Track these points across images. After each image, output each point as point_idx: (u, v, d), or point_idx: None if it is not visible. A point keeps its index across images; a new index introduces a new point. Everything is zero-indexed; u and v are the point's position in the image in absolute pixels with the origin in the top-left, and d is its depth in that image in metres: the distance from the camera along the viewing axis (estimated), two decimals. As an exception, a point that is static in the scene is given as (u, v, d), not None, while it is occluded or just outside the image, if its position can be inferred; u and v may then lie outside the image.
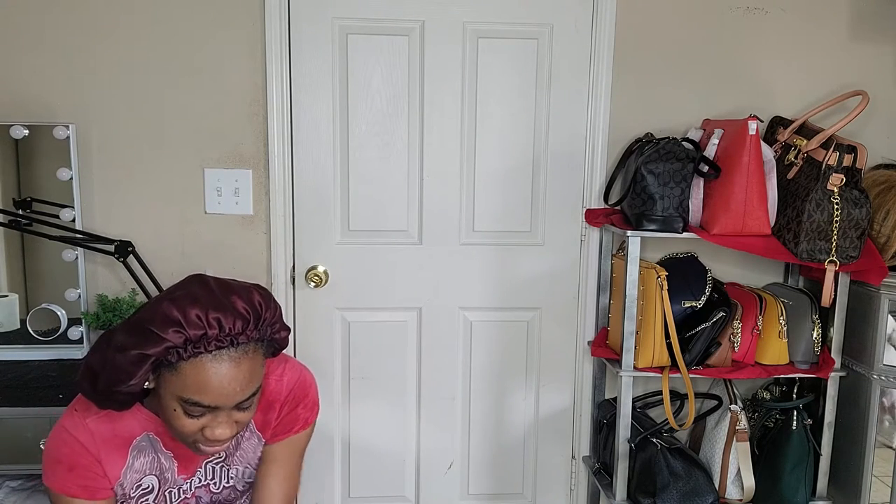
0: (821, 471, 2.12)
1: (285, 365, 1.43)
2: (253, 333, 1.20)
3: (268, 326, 1.24)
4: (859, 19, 2.28)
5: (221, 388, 1.17)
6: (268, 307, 1.23)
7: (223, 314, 1.16)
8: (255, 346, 1.22)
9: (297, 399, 1.42)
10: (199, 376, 1.15)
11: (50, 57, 2.12)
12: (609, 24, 2.21)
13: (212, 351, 1.15)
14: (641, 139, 2.15)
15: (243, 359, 1.19)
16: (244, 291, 1.22)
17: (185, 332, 1.13)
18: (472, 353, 2.37)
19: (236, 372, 1.18)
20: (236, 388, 1.18)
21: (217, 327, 1.15)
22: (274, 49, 2.15)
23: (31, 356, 2.13)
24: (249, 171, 2.21)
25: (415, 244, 2.30)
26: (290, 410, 1.41)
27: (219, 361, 1.16)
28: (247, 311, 1.19)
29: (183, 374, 1.15)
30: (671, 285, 2.01)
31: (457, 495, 2.44)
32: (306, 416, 1.44)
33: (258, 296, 1.22)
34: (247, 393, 1.21)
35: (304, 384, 1.43)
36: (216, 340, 1.15)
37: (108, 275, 2.20)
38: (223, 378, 1.16)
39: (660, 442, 2.06)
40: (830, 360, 2.05)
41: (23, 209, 2.10)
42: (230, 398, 1.18)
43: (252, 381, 1.21)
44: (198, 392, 1.16)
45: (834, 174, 1.85)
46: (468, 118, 2.25)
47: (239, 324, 1.17)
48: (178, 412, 1.19)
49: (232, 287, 1.22)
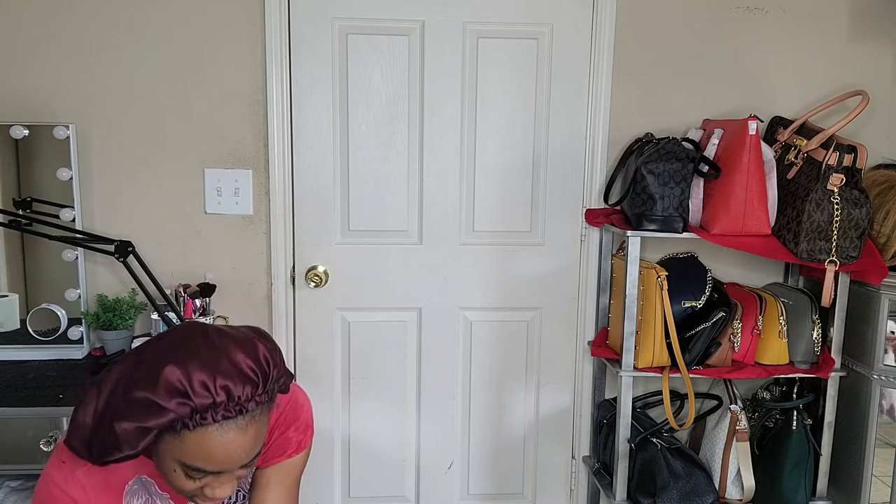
0: (821, 471, 2.12)
1: None
2: (262, 397, 1.12)
3: (274, 383, 1.16)
4: (859, 19, 2.28)
5: (227, 457, 1.11)
6: (275, 363, 1.14)
7: (231, 381, 1.07)
8: (263, 408, 1.14)
9: (288, 421, 1.35)
10: (204, 445, 1.08)
11: (50, 57, 2.12)
12: (609, 24, 2.21)
13: (218, 421, 1.07)
14: (641, 139, 2.16)
15: (250, 425, 1.11)
16: (248, 346, 1.12)
17: (190, 403, 1.04)
18: (472, 353, 2.37)
19: (243, 439, 1.11)
20: (241, 454, 1.12)
21: (225, 396, 1.07)
22: (274, 49, 2.15)
23: (31, 356, 2.13)
24: (249, 171, 2.21)
25: (415, 244, 2.30)
26: (281, 433, 1.35)
27: (225, 431, 1.09)
28: (255, 372, 1.10)
29: (187, 443, 1.08)
30: (671, 285, 2.01)
31: (457, 495, 2.44)
32: (299, 439, 1.37)
33: (263, 349, 1.13)
34: (252, 456, 1.14)
35: (296, 406, 1.36)
36: (224, 410, 1.07)
37: (108, 275, 2.20)
38: (229, 446, 1.10)
39: (660, 442, 2.06)
40: (830, 360, 2.05)
41: (23, 209, 2.10)
42: (234, 464, 1.13)
43: (258, 444, 1.14)
44: (201, 460, 1.09)
45: (834, 174, 1.85)
46: (468, 118, 2.25)
47: (248, 389, 1.09)
48: (179, 473, 1.12)
49: (236, 341, 1.12)
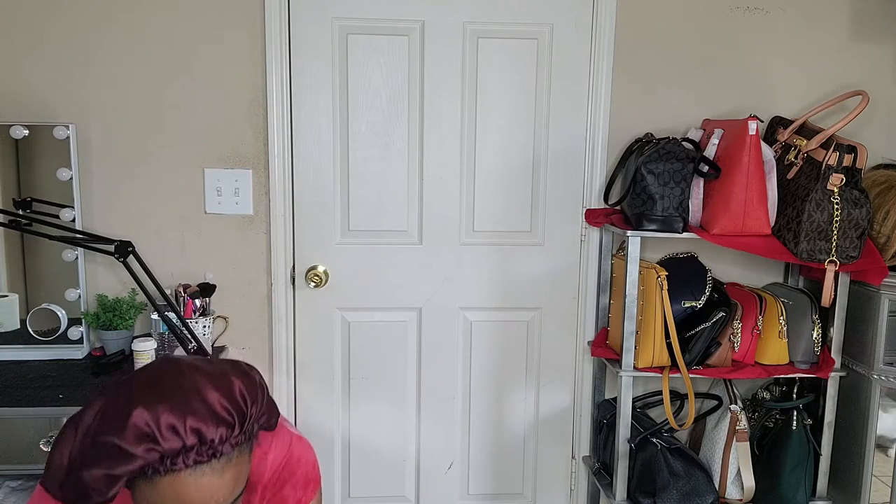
0: (821, 471, 2.12)
1: (272, 440, 1.27)
2: (238, 438, 1.03)
3: (254, 423, 1.07)
4: (859, 19, 2.28)
5: (203, 503, 1.02)
6: (253, 400, 1.06)
7: (203, 423, 0.99)
8: (241, 449, 1.05)
9: (283, 479, 1.27)
10: (178, 491, 1.00)
11: (50, 57, 2.12)
12: (609, 23, 2.21)
13: (191, 466, 1.00)
14: (641, 139, 2.15)
15: (227, 468, 1.03)
16: (223, 383, 1.04)
17: (158, 448, 0.97)
18: (472, 353, 2.37)
19: (219, 484, 1.03)
20: (219, 498, 1.04)
21: (196, 439, 0.99)
22: (274, 49, 2.15)
23: (31, 356, 2.13)
24: (249, 171, 2.21)
25: (415, 244, 2.30)
26: (276, 493, 1.26)
27: (199, 476, 1.01)
28: (229, 412, 1.02)
29: (159, 489, 1.00)
30: (671, 285, 2.01)
31: (457, 495, 2.44)
32: (298, 496, 1.28)
33: (240, 385, 1.04)
34: (230, 500, 1.06)
35: (291, 463, 1.27)
36: (196, 454, 1.00)
37: (108, 275, 2.20)
38: (205, 492, 1.02)
39: (660, 442, 2.06)
40: (830, 360, 2.05)
41: (23, 209, 2.10)
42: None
43: (237, 487, 1.06)
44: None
45: (834, 174, 1.85)
46: (468, 118, 2.25)
47: (222, 431, 1.01)
48: None
49: (210, 377, 1.04)
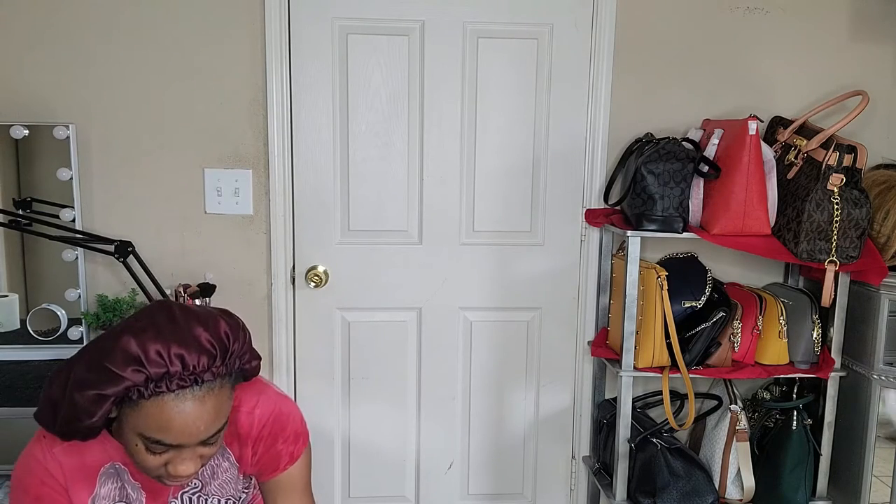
0: (821, 471, 2.12)
1: (259, 397, 1.33)
2: (219, 369, 1.14)
3: (236, 359, 1.17)
4: (859, 19, 2.28)
5: (185, 428, 1.11)
6: (235, 338, 1.16)
7: (186, 350, 1.09)
8: (222, 382, 1.16)
9: (274, 434, 1.33)
10: (161, 416, 1.09)
11: (50, 57, 2.12)
12: (609, 24, 2.21)
13: (174, 390, 1.09)
14: (641, 139, 2.15)
15: (208, 396, 1.13)
16: (210, 321, 1.14)
17: (145, 371, 1.07)
18: (472, 353, 2.37)
19: (201, 411, 1.12)
20: (200, 426, 1.12)
21: (180, 365, 1.09)
22: (274, 49, 2.15)
23: (31, 356, 2.13)
24: (249, 171, 2.21)
25: (415, 244, 2.30)
26: (269, 447, 1.33)
27: (182, 401, 1.10)
28: (212, 344, 1.12)
29: (144, 413, 1.10)
30: (671, 285, 2.01)
31: (457, 495, 2.44)
32: (290, 450, 1.34)
33: (225, 325, 1.15)
34: (211, 430, 1.15)
35: (280, 418, 1.33)
36: (179, 379, 1.09)
37: (108, 275, 2.20)
38: (187, 418, 1.11)
39: (660, 442, 2.06)
40: (830, 360, 2.05)
41: (23, 209, 2.10)
42: (194, 437, 1.13)
43: (218, 418, 1.15)
44: (160, 431, 1.11)
45: (834, 174, 1.85)
46: (468, 118, 2.25)
47: (204, 360, 1.11)
48: (140, 448, 1.14)
49: (198, 316, 1.14)
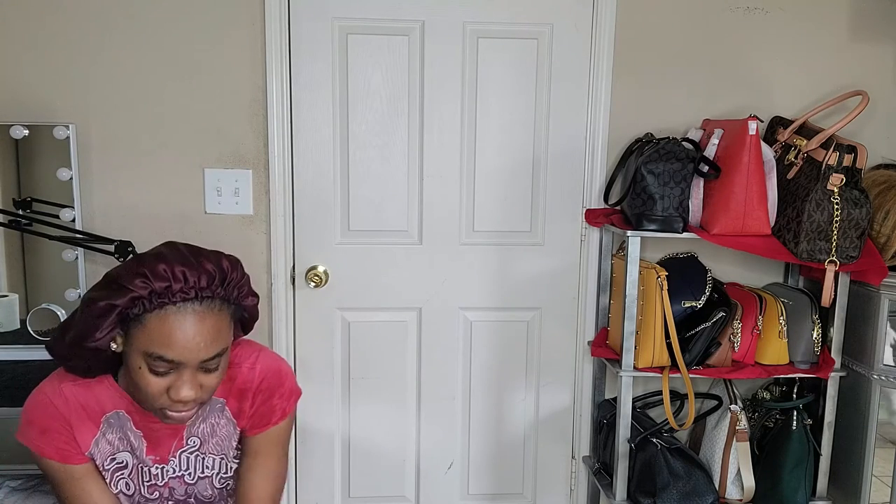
0: (821, 471, 2.12)
1: (259, 354, 1.43)
2: (218, 291, 1.23)
3: (234, 288, 1.27)
4: (859, 19, 2.28)
5: (186, 342, 1.19)
6: (235, 270, 1.27)
7: (189, 269, 1.20)
8: (221, 305, 1.25)
9: (272, 388, 1.41)
10: (164, 329, 1.18)
11: (50, 57, 2.12)
12: (609, 24, 2.21)
13: (176, 303, 1.19)
14: (641, 139, 2.15)
15: (208, 314, 1.22)
16: (213, 255, 1.26)
17: (150, 284, 1.17)
18: (472, 353, 2.37)
19: (200, 327, 1.20)
20: (200, 343, 1.20)
21: (182, 280, 1.19)
22: (274, 49, 2.15)
23: (31, 356, 2.13)
24: (249, 171, 2.21)
25: (415, 244, 2.30)
26: (265, 400, 1.41)
27: (183, 315, 1.19)
28: (214, 270, 1.23)
29: (148, 328, 1.18)
30: (671, 285, 2.01)
31: (457, 495, 2.44)
32: (283, 405, 1.43)
33: (226, 261, 1.26)
34: (211, 351, 1.22)
35: (279, 373, 1.43)
36: (181, 293, 1.18)
37: (108, 275, 2.20)
38: (187, 332, 1.19)
39: (660, 442, 2.06)
40: (830, 360, 2.05)
41: (23, 209, 2.10)
42: (194, 353, 1.20)
43: (217, 340, 1.23)
44: (162, 345, 1.18)
45: (834, 174, 1.85)
46: (468, 118, 2.25)
47: (204, 279, 1.21)
48: (144, 370, 1.21)
49: (202, 251, 1.26)
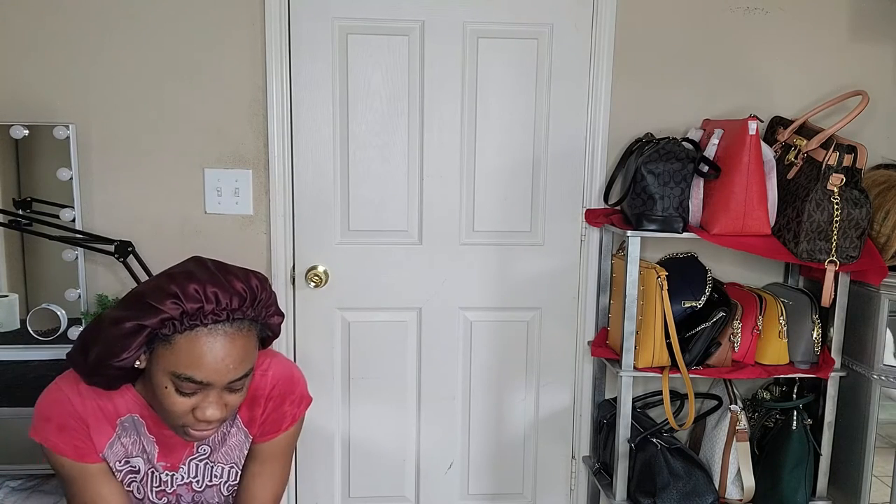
0: (821, 471, 2.12)
1: (271, 359, 1.42)
2: (249, 312, 1.22)
3: (263, 308, 1.26)
4: (859, 19, 2.28)
5: (215, 364, 1.17)
6: (264, 289, 1.25)
7: (221, 290, 1.18)
8: (250, 326, 1.24)
9: (284, 394, 1.40)
10: (194, 350, 1.16)
11: (50, 57, 2.12)
12: (609, 24, 2.21)
13: (208, 325, 1.17)
14: (641, 139, 2.15)
15: (238, 335, 1.20)
16: (242, 274, 1.24)
17: (182, 305, 1.15)
18: (472, 353, 2.37)
19: (231, 348, 1.19)
20: (230, 364, 1.19)
21: (214, 301, 1.17)
22: (274, 49, 2.15)
23: (31, 356, 2.13)
24: (249, 171, 2.21)
25: (415, 244, 2.30)
26: (277, 407, 1.40)
27: (214, 336, 1.17)
28: (244, 290, 1.21)
29: (177, 348, 1.16)
30: (671, 285, 2.01)
31: (457, 495, 2.44)
32: (294, 412, 1.42)
33: (255, 279, 1.25)
34: (240, 372, 1.21)
35: (291, 379, 1.42)
36: (213, 314, 1.17)
37: (108, 275, 2.20)
38: (217, 353, 1.17)
39: (660, 442, 2.06)
40: (830, 360, 2.05)
41: (23, 209, 2.10)
42: (223, 375, 1.19)
43: (245, 360, 1.22)
44: (191, 367, 1.16)
45: (834, 174, 1.85)
46: (468, 118, 2.25)
47: (236, 300, 1.19)
48: (170, 390, 1.19)
49: (230, 269, 1.24)
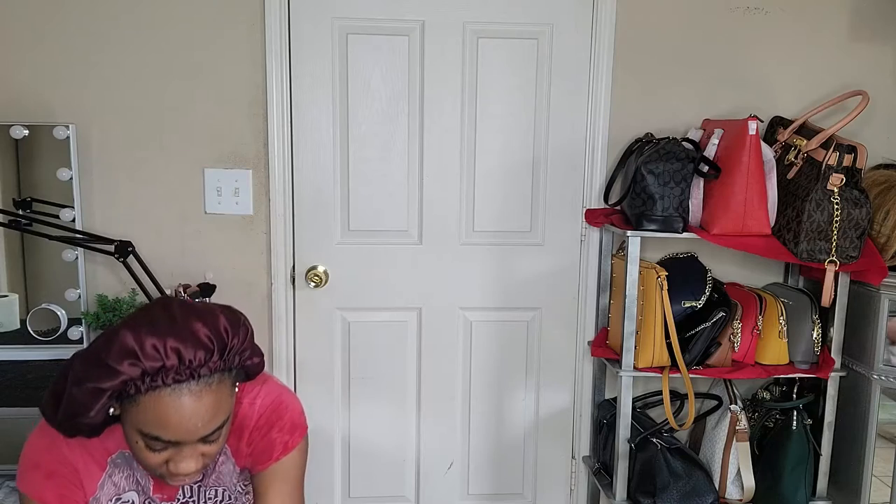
0: (821, 471, 2.12)
1: (262, 387, 1.33)
2: (217, 364, 1.12)
3: (235, 355, 1.15)
4: (859, 19, 2.28)
5: (181, 424, 1.10)
6: (235, 334, 1.14)
7: (182, 344, 1.08)
8: (221, 377, 1.14)
9: (270, 423, 1.31)
10: (158, 411, 1.08)
11: (50, 57, 2.12)
12: (609, 24, 2.21)
13: (170, 384, 1.08)
14: (641, 139, 2.15)
15: (205, 392, 1.11)
16: (209, 317, 1.13)
17: (141, 365, 1.06)
18: (472, 353, 2.37)
19: (198, 406, 1.10)
20: (198, 423, 1.11)
21: (176, 358, 1.07)
22: (274, 49, 2.15)
23: (31, 356, 2.13)
24: (249, 171, 2.21)
25: (415, 244, 2.30)
26: (263, 436, 1.31)
27: (178, 395, 1.08)
28: (210, 339, 1.10)
29: (142, 408, 1.08)
30: (671, 285, 2.01)
31: (457, 495, 2.44)
32: (284, 440, 1.32)
33: (224, 321, 1.14)
34: (210, 428, 1.13)
35: (279, 407, 1.32)
36: (175, 373, 1.07)
37: (108, 275, 2.20)
38: (184, 413, 1.09)
39: (660, 442, 2.06)
40: (830, 360, 2.05)
41: (23, 209, 2.10)
42: (192, 433, 1.12)
43: (217, 415, 1.14)
44: (157, 427, 1.09)
45: (834, 174, 1.85)
46: (468, 118, 2.25)
47: (200, 354, 1.09)
48: (140, 445, 1.13)
49: (196, 312, 1.13)
